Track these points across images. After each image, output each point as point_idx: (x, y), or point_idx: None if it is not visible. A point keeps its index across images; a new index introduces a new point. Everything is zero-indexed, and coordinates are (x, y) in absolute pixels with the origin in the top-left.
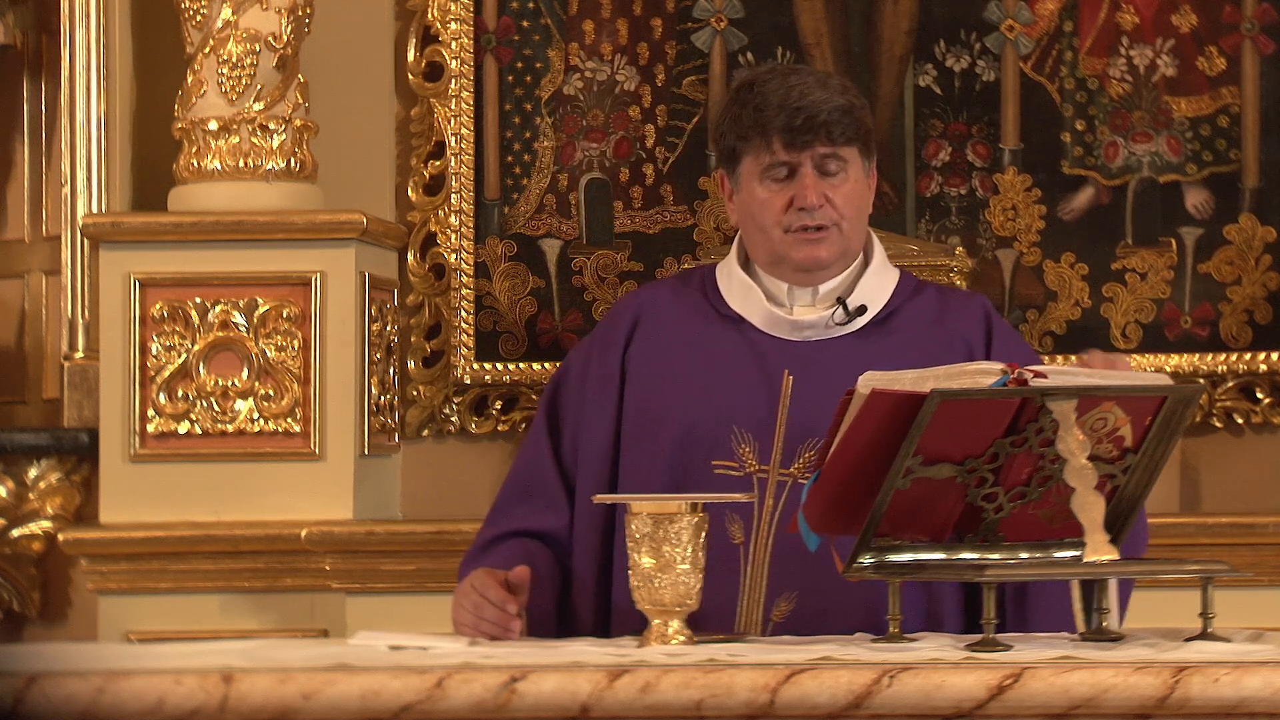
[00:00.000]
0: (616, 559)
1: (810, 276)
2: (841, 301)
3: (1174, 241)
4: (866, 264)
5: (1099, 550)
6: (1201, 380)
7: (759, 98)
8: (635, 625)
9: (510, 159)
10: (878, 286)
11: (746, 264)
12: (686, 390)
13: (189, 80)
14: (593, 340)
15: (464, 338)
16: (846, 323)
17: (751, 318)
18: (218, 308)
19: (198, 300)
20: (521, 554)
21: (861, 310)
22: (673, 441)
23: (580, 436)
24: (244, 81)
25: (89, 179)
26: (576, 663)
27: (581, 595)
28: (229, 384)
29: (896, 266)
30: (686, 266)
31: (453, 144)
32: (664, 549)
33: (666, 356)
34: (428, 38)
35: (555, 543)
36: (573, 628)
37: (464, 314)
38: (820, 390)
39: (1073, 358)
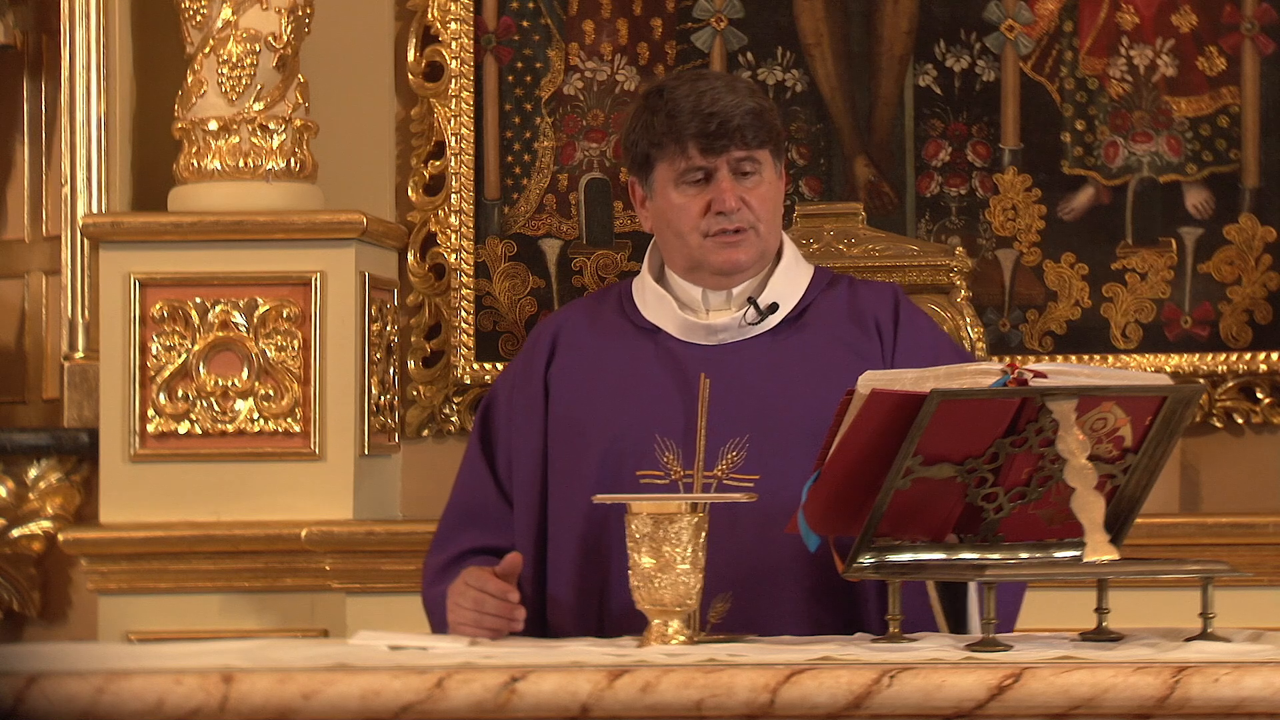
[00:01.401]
0: (550, 564)
1: (727, 280)
2: (752, 301)
3: (1174, 241)
4: (777, 264)
5: (1099, 550)
6: (1201, 380)
7: (670, 104)
8: (571, 621)
9: (510, 159)
10: (789, 284)
11: (660, 274)
12: (607, 404)
13: (189, 80)
14: (516, 364)
15: (464, 338)
16: (759, 322)
17: (666, 326)
18: (218, 308)
19: (198, 300)
20: (486, 565)
21: (773, 309)
22: (598, 455)
23: (513, 454)
24: (244, 81)
25: (89, 179)
26: (576, 663)
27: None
28: (229, 384)
29: (811, 264)
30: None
31: (453, 144)
32: (664, 549)
33: (586, 372)
34: (428, 38)
35: None
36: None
37: (464, 314)
38: (738, 391)
39: (1073, 357)
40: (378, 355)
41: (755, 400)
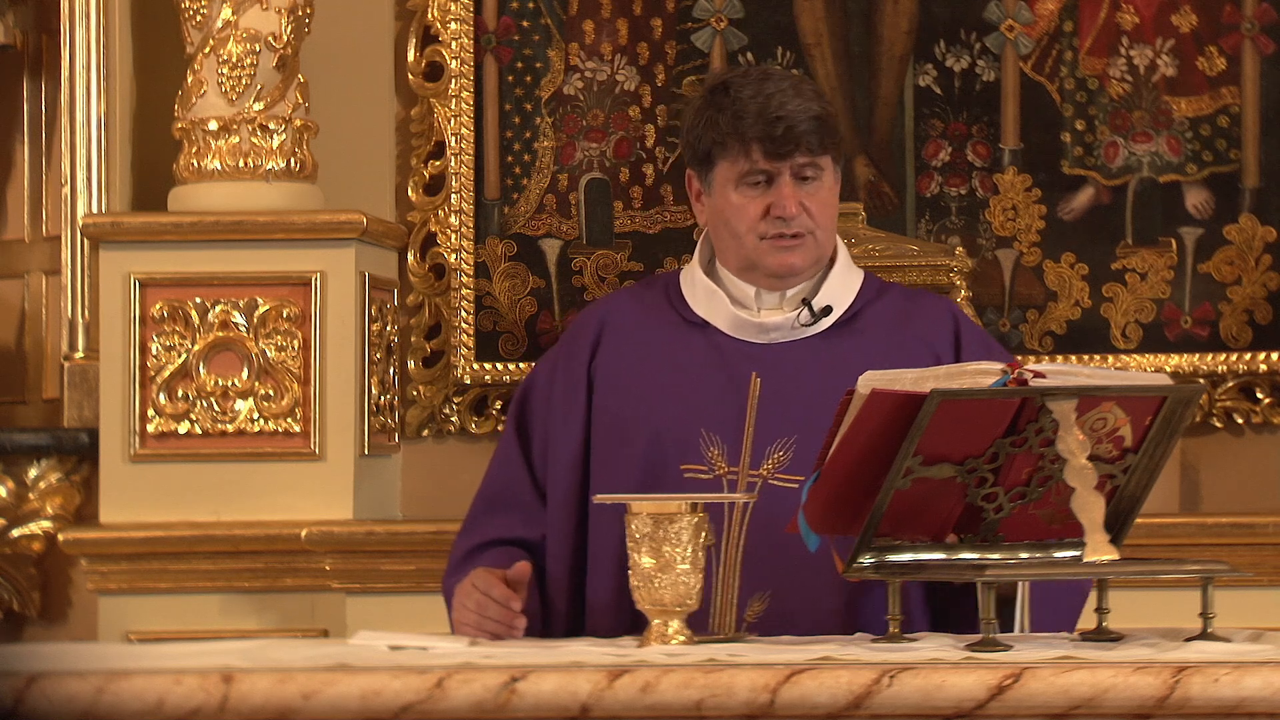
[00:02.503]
0: (591, 558)
1: (782, 282)
2: (807, 303)
3: (1174, 241)
4: (831, 266)
5: (1099, 550)
6: (1201, 380)
7: (736, 103)
8: (608, 623)
9: (510, 159)
10: (842, 288)
11: (710, 267)
12: (654, 396)
13: (189, 80)
14: (558, 351)
15: (464, 338)
16: (812, 324)
17: (717, 322)
18: (218, 308)
19: (198, 300)
20: (507, 560)
21: (827, 311)
22: (642, 447)
23: (550, 445)
24: (244, 81)
25: (89, 179)
26: (576, 663)
27: (558, 595)
28: (229, 384)
29: (861, 268)
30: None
31: (453, 144)
32: (664, 549)
33: (632, 364)
34: (428, 38)
35: (535, 550)
36: (552, 625)
37: (464, 314)
38: (787, 391)
39: (1073, 357)
40: (378, 355)
41: (805, 401)
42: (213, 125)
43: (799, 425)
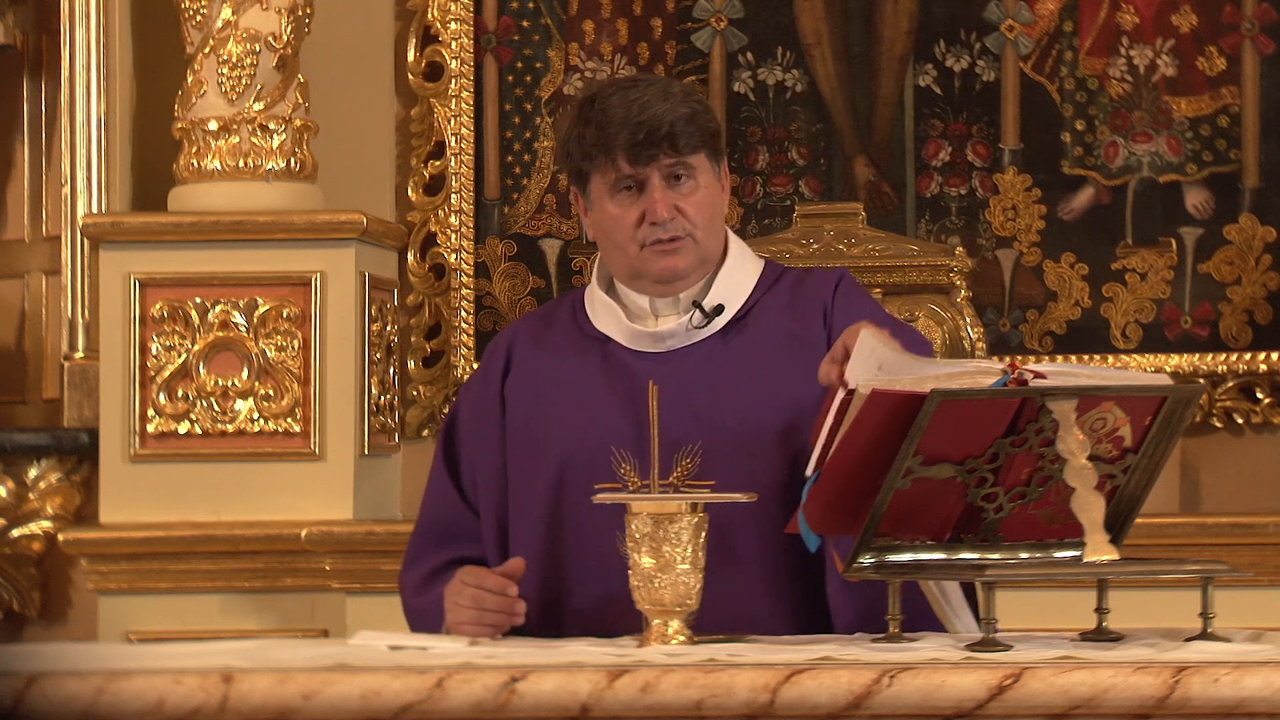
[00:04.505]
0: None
1: (670, 287)
2: (697, 304)
3: (1174, 241)
4: (722, 265)
5: (1099, 550)
6: (1201, 380)
7: (601, 114)
8: (534, 616)
9: (510, 159)
10: (734, 285)
11: (610, 283)
12: (561, 418)
13: (189, 80)
14: (475, 379)
15: (464, 338)
16: (705, 325)
17: (615, 335)
18: (218, 308)
19: (198, 300)
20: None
21: (719, 310)
22: (555, 470)
23: (476, 473)
24: (244, 81)
25: (89, 179)
26: (576, 663)
27: None
28: (229, 384)
29: (762, 258)
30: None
31: (453, 144)
32: (664, 549)
33: (539, 385)
34: (428, 38)
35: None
36: None
37: (464, 314)
38: (688, 396)
39: (1073, 357)
40: (378, 355)
41: (706, 404)
42: (213, 125)
43: (705, 428)
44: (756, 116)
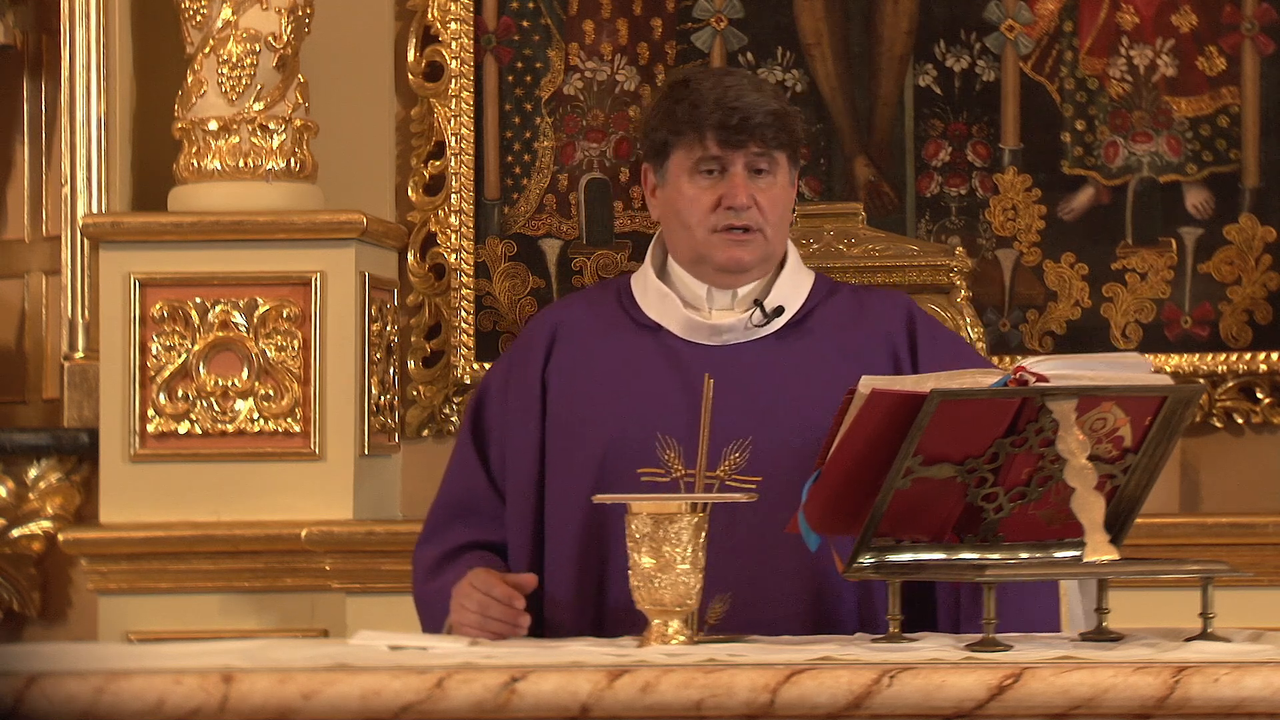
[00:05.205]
0: (548, 560)
1: (730, 279)
2: (759, 304)
3: (1174, 241)
4: (782, 267)
5: (1099, 550)
6: (1201, 380)
7: (694, 94)
8: (569, 618)
9: (510, 159)
10: (794, 288)
11: (662, 270)
12: (608, 401)
13: (189, 80)
14: (510, 358)
15: (464, 338)
16: (764, 324)
17: (669, 324)
18: (218, 308)
19: (198, 300)
20: (481, 562)
21: (779, 312)
22: (599, 452)
23: (507, 451)
24: (244, 81)
25: (89, 179)
26: (576, 663)
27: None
28: (229, 384)
29: (812, 269)
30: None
31: (453, 144)
32: (664, 549)
33: (586, 369)
34: (428, 38)
35: (500, 553)
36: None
37: (464, 314)
38: (741, 393)
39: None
40: (378, 355)
41: (759, 403)
42: (213, 125)
43: (753, 426)
44: None
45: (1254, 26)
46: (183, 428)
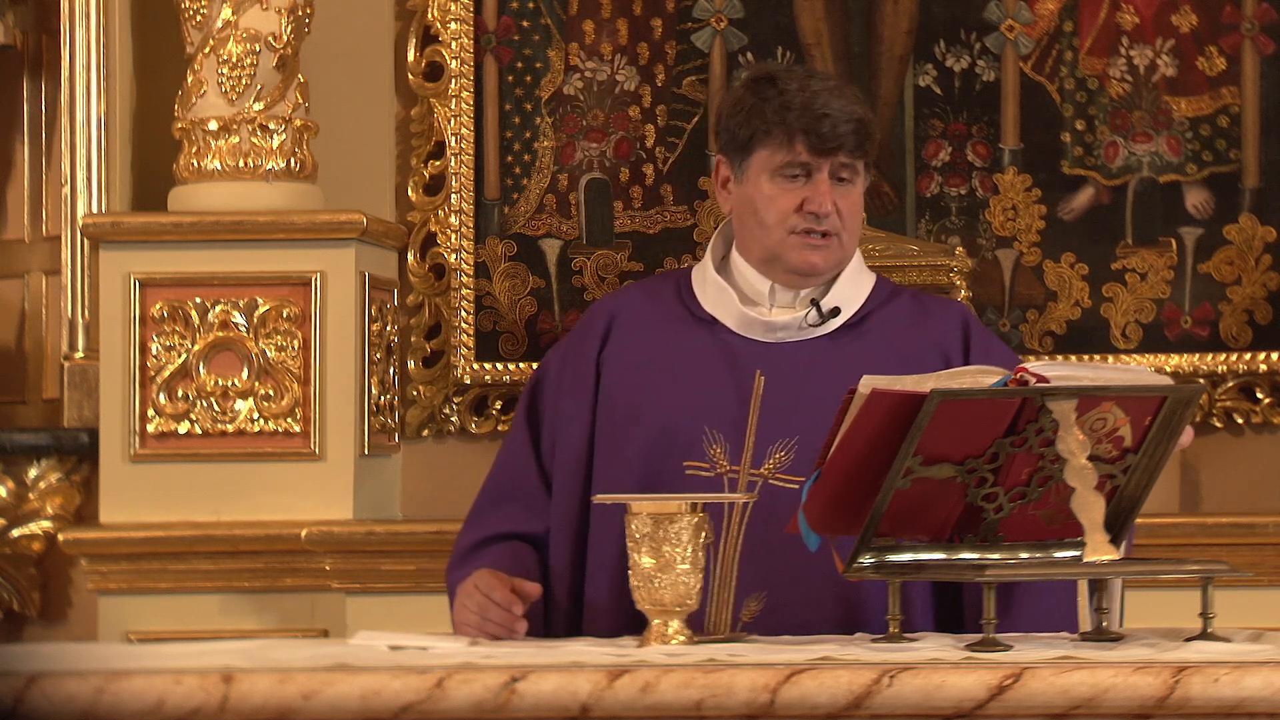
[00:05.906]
0: (590, 556)
1: (800, 280)
2: (815, 303)
3: (1174, 241)
4: (843, 269)
5: (1099, 550)
6: (1201, 380)
7: (783, 95)
8: (607, 624)
9: (510, 159)
10: (853, 290)
11: (722, 264)
12: (659, 392)
13: (189, 80)
14: (568, 343)
15: (464, 338)
16: (819, 325)
17: (725, 319)
18: (218, 308)
19: (198, 300)
20: (510, 556)
21: (835, 313)
22: (645, 442)
23: (557, 436)
24: (244, 81)
25: (89, 179)
26: (576, 663)
27: (560, 588)
28: (229, 384)
29: (873, 270)
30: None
31: (453, 144)
32: (664, 549)
33: (640, 358)
34: (428, 38)
35: (538, 544)
36: (553, 620)
37: (464, 314)
38: (792, 392)
39: (1072, 357)
40: (378, 355)
41: (808, 403)
42: (213, 125)
43: (802, 426)
44: None
45: (1254, 26)
46: (183, 428)
